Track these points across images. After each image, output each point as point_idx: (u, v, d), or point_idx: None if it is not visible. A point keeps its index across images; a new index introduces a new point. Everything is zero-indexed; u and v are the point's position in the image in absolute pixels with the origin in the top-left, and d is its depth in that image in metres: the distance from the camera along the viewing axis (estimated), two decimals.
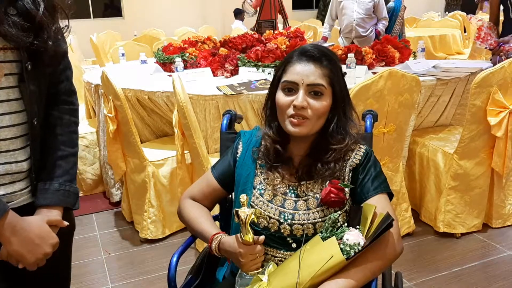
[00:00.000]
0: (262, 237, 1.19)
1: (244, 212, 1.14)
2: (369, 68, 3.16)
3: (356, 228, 1.13)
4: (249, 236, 1.15)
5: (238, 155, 1.36)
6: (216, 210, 1.53)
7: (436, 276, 2.31)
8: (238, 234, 1.18)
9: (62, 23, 1.11)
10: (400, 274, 1.50)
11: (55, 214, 1.14)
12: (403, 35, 5.16)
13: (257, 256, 1.17)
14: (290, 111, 1.21)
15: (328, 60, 1.23)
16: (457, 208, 2.62)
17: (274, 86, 1.27)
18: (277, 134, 1.28)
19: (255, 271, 1.17)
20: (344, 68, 2.36)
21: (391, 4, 4.82)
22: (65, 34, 1.14)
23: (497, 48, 2.98)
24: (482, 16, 5.73)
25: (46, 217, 1.12)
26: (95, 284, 2.38)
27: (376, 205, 1.16)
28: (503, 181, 2.66)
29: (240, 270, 1.21)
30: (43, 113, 1.15)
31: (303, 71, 1.20)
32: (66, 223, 1.16)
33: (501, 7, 3.27)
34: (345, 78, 1.29)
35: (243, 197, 1.16)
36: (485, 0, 9.00)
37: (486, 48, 3.22)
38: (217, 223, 1.55)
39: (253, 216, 1.15)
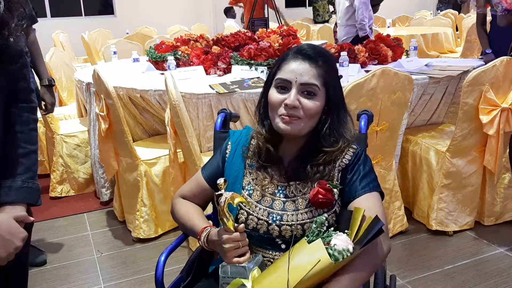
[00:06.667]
0: (242, 225, 1.17)
1: (223, 197, 1.11)
2: (362, 67, 3.16)
3: (344, 233, 1.08)
4: (230, 222, 1.14)
5: (227, 155, 1.35)
6: (209, 209, 1.52)
7: (429, 274, 2.32)
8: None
9: (20, 19, 1.09)
10: (395, 277, 1.50)
11: (19, 210, 1.15)
12: None
13: (240, 245, 1.15)
14: (282, 110, 1.19)
15: (324, 60, 1.20)
16: (449, 206, 2.63)
17: (268, 83, 1.25)
18: (269, 133, 1.26)
19: (239, 261, 1.14)
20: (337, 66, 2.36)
21: None
22: (24, 25, 1.11)
23: None
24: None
25: (12, 214, 1.13)
26: (87, 283, 2.37)
27: (364, 205, 1.13)
28: (495, 179, 2.67)
29: (222, 269, 1.18)
30: (2, 111, 1.14)
31: (297, 70, 1.18)
32: (32, 218, 1.17)
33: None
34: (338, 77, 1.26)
35: (220, 180, 1.14)
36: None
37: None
38: (210, 222, 1.54)
39: (230, 200, 1.11)
